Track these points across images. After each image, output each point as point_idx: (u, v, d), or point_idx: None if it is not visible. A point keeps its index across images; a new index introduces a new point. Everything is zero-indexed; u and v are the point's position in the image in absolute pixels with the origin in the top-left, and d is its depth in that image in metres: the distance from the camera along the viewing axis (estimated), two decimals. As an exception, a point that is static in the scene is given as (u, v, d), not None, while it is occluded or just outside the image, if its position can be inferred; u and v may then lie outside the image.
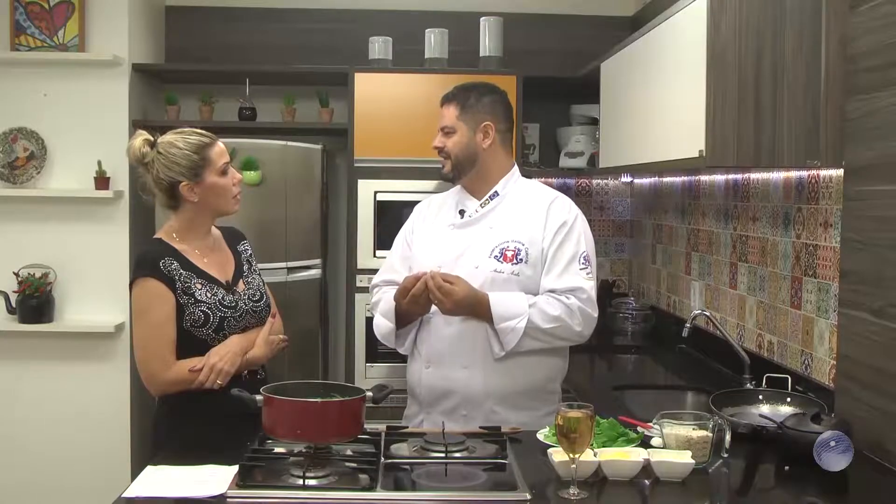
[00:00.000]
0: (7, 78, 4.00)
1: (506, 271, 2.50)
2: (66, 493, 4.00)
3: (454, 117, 2.59)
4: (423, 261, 2.59)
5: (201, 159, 2.38)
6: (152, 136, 2.42)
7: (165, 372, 2.33)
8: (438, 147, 2.61)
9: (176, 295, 2.34)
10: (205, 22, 4.49)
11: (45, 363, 4.03)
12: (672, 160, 2.83)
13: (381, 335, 2.65)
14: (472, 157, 2.58)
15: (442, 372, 2.54)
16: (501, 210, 2.59)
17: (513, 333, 2.44)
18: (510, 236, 2.53)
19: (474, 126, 2.58)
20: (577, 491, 1.85)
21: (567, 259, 2.51)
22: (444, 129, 2.60)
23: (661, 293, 4.12)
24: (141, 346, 2.36)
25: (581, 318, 2.48)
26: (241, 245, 2.58)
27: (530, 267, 2.51)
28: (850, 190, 2.38)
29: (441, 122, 2.62)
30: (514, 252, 2.52)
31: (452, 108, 2.60)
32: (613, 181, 4.64)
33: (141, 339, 2.36)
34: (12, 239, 4.01)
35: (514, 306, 2.45)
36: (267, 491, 1.85)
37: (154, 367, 2.34)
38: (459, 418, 2.52)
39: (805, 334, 2.71)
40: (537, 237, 2.53)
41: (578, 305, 2.48)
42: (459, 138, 2.58)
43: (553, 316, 2.45)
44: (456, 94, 2.62)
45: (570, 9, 4.56)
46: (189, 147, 2.38)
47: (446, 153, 2.60)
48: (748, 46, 2.50)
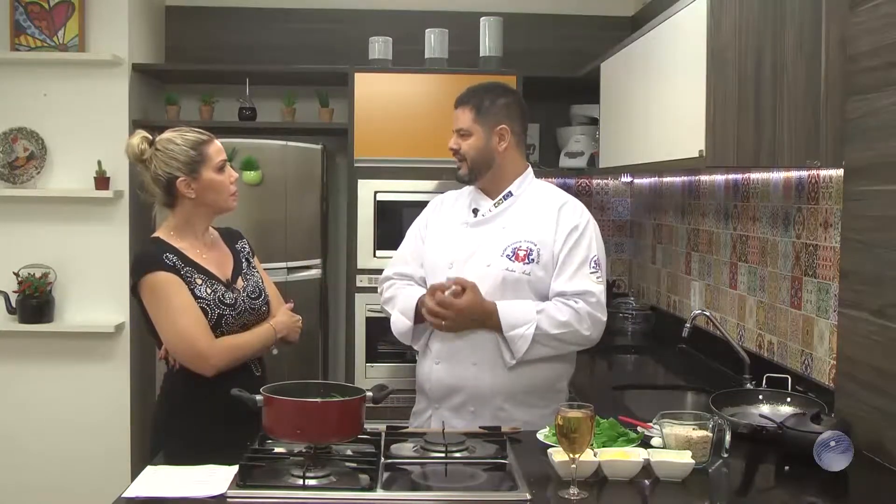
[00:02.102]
0: (7, 78, 4.00)
1: (517, 270, 2.50)
2: (66, 494, 4.00)
3: (470, 120, 2.58)
4: (436, 257, 2.61)
5: (198, 155, 2.39)
6: (150, 135, 2.43)
7: (214, 345, 2.31)
8: (454, 149, 2.61)
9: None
10: (205, 22, 4.49)
11: (45, 363, 4.03)
12: (672, 160, 2.83)
13: (398, 332, 2.64)
14: (489, 159, 2.59)
15: (451, 368, 2.55)
16: (515, 210, 2.60)
17: (522, 340, 2.45)
18: (523, 236, 2.54)
19: (490, 129, 2.58)
20: (577, 491, 1.85)
21: (578, 262, 2.52)
22: (460, 132, 2.60)
23: (661, 293, 4.12)
24: (176, 333, 2.32)
25: (590, 322, 2.49)
26: (239, 243, 2.59)
27: (541, 268, 2.52)
28: (850, 190, 2.38)
29: (456, 125, 2.61)
30: (527, 252, 2.52)
31: (468, 111, 2.59)
32: (613, 181, 4.64)
33: (174, 327, 2.32)
34: (12, 239, 4.01)
35: (522, 314, 2.46)
36: (267, 491, 1.85)
37: (201, 346, 2.30)
38: (467, 414, 2.54)
39: (805, 334, 2.71)
40: (548, 239, 2.54)
41: (588, 310, 2.48)
42: (475, 141, 2.58)
43: (562, 321, 2.46)
44: (471, 97, 2.61)
45: (570, 9, 4.56)
46: (186, 143, 2.39)
47: (462, 155, 2.60)
48: (748, 46, 2.50)
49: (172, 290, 2.32)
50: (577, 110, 4.37)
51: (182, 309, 2.31)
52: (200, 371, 2.32)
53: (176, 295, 2.32)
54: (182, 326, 2.31)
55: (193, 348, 2.31)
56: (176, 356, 2.36)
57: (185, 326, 2.31)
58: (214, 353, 2.32)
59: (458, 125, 2.61)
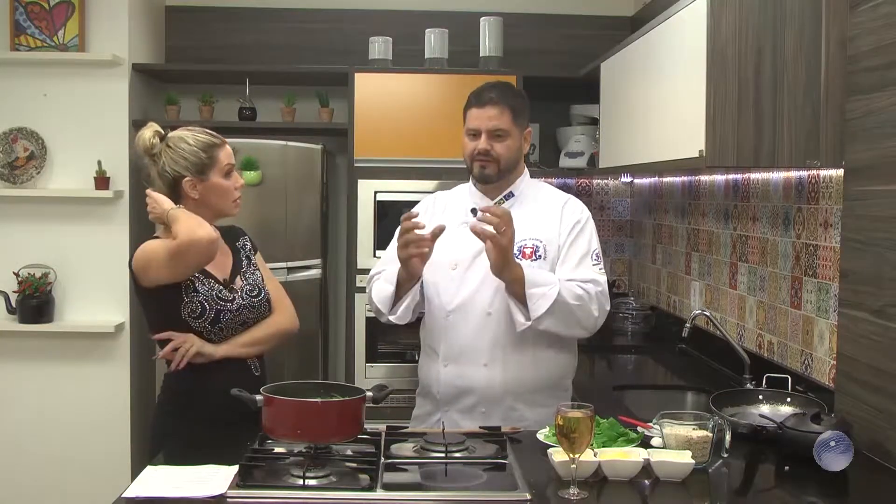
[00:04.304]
0: (7, 78, 4.00)
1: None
2: (66, 493, 4.00)
3: (509, 122, 2.52)
4: (438, 257, 2.57)
5: (208, 158, 2.40)
6: (162, 130, 2.44)
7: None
8: (486, 150, 2.52)
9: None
10: (205, 22, 4.50)
11: (45, 363, 4.03)
12: (672, 160, 2.83)
13: (378, 299, 2.56)
14: (517, 161, 2.59)
15: (461, 370, 2.54)
16: (517, 210, 2.58)
17: (543, 299, 2.39)
18: (528, 234, 2.54)
19: (522, 131, 2.57)
20: (577, 491, 1.85)
21: (581, 254, 2.53)
22: (496, 132, 2.52)
23: (661, 293, 4.12)
24: (169, 248, 2.28)
25: (598, 304, 2.49)
26: (240, 241, 2.59)
27: (549, 264, 2.52)
28: (850, 190, 2.38)
29: (490, 124, 2.51)
30: (533, 249, 2.53)
31: (507, 112, 2.52)
32: (613, 181, 4.64)
33: (166, 247, 2.29)
34: (12, 239, 4.01)
35: (545, 277, 2.45)
36: (267, 491, 1.85)
37: (201, 232, 2.27)
38: (479, 416, 2.53)
39: (805, 334, 2.71)
40: (553, 236, 2.54)
41: (597, 291, 2.49)
42: (513, 143, 2.54)
43: (578, 294, 2.45)
44: (506, 97, 2.54)
45: (570, 9, 4.56)
46: (198, 144, 2.40)
47: (494, 157, 2.52)
48: (748, 46, 2.50)
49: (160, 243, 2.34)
50: (577, 110, 4.37)
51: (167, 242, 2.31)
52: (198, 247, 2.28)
53: (158, 242, 2.34)
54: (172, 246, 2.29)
55: (192, 238, 2.27)
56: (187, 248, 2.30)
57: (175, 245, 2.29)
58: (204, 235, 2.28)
59: (493, 125, 2.51)
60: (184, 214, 2.31)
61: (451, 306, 2.55)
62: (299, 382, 2.13)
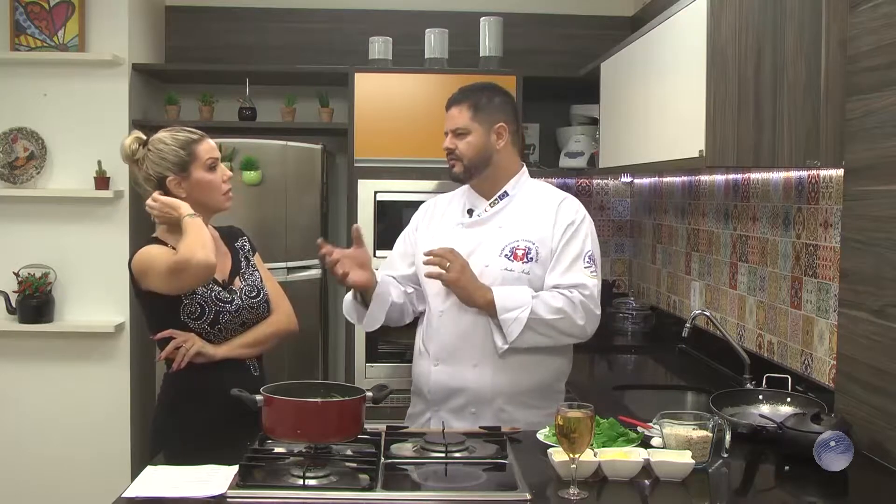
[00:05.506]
0: (7, 78, 4.00)
1: (516, 270, 2.50)
2: (66, 493, 4.00)
3: (468, 119, 2.57)
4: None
5: (188, 154, 2.40)
6: (145, 136, 2.45)
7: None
8: (449, 149, 2.59)
9: None
10: (205, 22, 4.50)
11: (45, 363, 4.03)
12: (672, 160, 2.83)
13: (346, 313, 2.66)
14: (487, 158, 2.58)
15: (451, 370, 2.55)
16: (511, 210, 2.59)
17: (515, 323, 2.43)
18: (520, 235, 2.54)
19: (489, 127, 2.57)
20: (577, 491, 1.85)
21: (572, 256, 2.52)
22: (457, 131, 2.57)
23: (661, 293, 4.12)
24: (168, 263, 2.28)
25: (584, 312, 2.48)
26: (239, 241, 2.59)
27: (541, 266, 2.52)
28: (850, 190, 2.38)
29: (452, 125, 2.59)
30: (525, 251, 2.52)
31: (465, 109, 2.57)
32: (613, 181, 4.64)
33: (166, 262, 2.29)
34: (12, 239, 4.01)
35: (517, 297, 2.46)
36: (267, 491, 1.85)
37: (201, 256, 2.26)
38: (468, 416, 2.53)
39: (805, 334, 2.71)
40: (547, 236, 2.54)
41: (581, 299, 2.47)
42: (474, 139, 2.56)
43: (556, 307, 2.45)
44: (468, 95, 2.60)
45: (570, 9, 4.56)
46: (176, 143, 2.41)
47: (458, 155, 2.58)
48: (748, 46, 2.50)
49: (159, 249, 2.35)
50: (577, 110, 4.37)
51: (167, 252, 2.32)
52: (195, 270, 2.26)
53: (160, 251, 2.34)
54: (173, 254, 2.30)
55: (190, 256, 2.26)
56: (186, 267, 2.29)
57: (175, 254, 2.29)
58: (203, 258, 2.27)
59: (453, 125, 2.58)
60: (194, 229, 2.30)
61: (443, 307, 2.55)
62: (299, 382, 2.13)
